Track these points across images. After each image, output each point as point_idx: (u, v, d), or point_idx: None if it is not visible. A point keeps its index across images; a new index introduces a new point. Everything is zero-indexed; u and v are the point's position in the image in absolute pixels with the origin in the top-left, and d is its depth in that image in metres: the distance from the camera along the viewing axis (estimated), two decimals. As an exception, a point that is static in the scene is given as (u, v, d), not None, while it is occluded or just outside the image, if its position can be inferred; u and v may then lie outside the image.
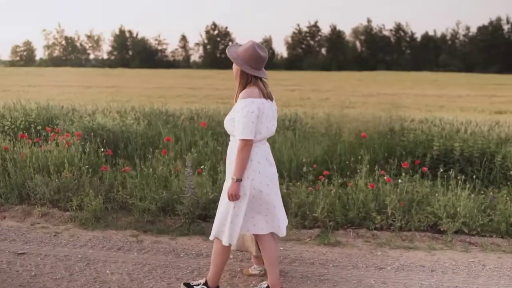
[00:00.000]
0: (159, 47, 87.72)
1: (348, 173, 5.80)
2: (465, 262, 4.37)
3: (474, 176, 5.63)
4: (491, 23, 79.67)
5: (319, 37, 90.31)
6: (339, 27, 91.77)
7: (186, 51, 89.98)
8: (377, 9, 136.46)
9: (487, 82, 34.95)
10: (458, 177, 5.30)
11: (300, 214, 5.17)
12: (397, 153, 6.20)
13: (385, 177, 5.35)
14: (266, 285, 3.67)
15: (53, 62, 77.16)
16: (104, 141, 6.67)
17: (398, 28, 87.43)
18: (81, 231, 4.99)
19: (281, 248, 4.60)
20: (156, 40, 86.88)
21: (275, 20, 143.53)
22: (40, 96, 14.59)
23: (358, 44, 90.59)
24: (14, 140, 6.72)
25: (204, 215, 5.21)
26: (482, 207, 5.04)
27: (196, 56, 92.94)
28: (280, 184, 5.64)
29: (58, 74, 38.88)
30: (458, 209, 4.88)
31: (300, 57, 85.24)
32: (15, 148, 6.36)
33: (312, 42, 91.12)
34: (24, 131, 7.15)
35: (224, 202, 3.50)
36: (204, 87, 27.13)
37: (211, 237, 3.58)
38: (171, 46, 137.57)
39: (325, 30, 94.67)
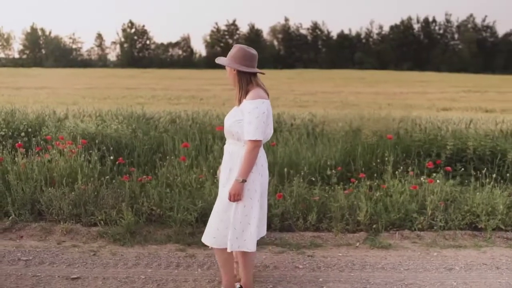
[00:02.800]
0: (74, 46, 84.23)
1: (375, 175, 5.82)
2: (519, 257, 4.54)
3: (493, 175, 5.84)
4: (402, 22, 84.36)
5: (237, 36, 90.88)
6: (257, 26, 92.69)
7: (102, 50, 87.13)
8: (294, 8, 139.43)
9: (414, 79, 36.84)
10: (493, 175, 5.48)
11: (343, 219, 5.10)
12: (412, 153, 6.32)
13: (422, 178, 5.44)
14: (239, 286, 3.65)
15: (-42, 61, 71.41)
16: (111, 148, 6.22)
17: (315, 27, 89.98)
18: (119, 248, 4.60)
19: (339, 254, 4.54)
20: (70, 38, 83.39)
21: (193, 18, 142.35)
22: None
23: (276, 42, 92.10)
24: (4, 150, 6.09)
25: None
26: (517, 204, 5.26)
27: (113, 55, 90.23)
28: (310, 187, 5.61)
29: (-30, 74, 36.00)
30: (500, 207, 5.05)
31: (219, 56, 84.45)
32: (15, 159, 5.76)
33: (230, 41, 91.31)
34: (14, 140, 6.50)
35: (235, 210, 3.37)
36: (139, 87, 26.27)
37: (230, 249, 3.41)
38: (87, 44, 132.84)
39: (244, 28, 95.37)
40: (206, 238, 3.48)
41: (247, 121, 3.24)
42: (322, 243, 4.83)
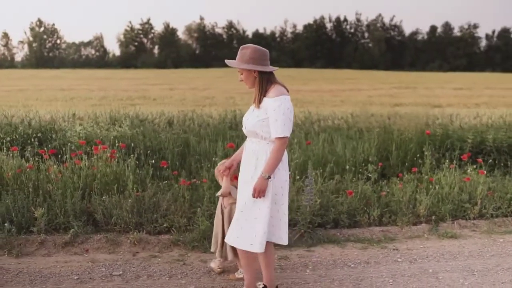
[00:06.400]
0: (-22, 46, 78.47)
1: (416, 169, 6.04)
2: None
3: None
4: (315, 21, 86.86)
5: (152, 35, 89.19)
6: (172, 25, 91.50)
7: (9, 50, 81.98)
8: (209, 7, 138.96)
9: (341, 77, 38.14)
10: None
11: (405, 212, 5.26)
12: (436, 147, 6.65)
13: (469, 170, 5.75)
14: (262, 285, 3.63)
15: None
16: (148, 151, 5.94)
17: (230, 25, 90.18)
18: (203, 255, 4.43)
19: (421, 246, 4.70)
20: (-27, 38, 77.48)
21: (106, 17, 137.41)
22: None
23: (191, 41, 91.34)
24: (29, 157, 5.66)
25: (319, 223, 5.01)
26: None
27: (20, 55, 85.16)
28: (362, 182, 5.72)
29: None
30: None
31: (133, 55, 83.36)
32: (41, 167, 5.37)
33: (145, 40, 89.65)
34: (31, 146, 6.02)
35: (262, 207, 3.32)
36: (73, 88, 25.05)
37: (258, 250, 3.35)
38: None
39: (159, 27, 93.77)
40: (229, 238, 3.45)
41: (273, 119, 3.21)
42: (393, 236, 4.97)
